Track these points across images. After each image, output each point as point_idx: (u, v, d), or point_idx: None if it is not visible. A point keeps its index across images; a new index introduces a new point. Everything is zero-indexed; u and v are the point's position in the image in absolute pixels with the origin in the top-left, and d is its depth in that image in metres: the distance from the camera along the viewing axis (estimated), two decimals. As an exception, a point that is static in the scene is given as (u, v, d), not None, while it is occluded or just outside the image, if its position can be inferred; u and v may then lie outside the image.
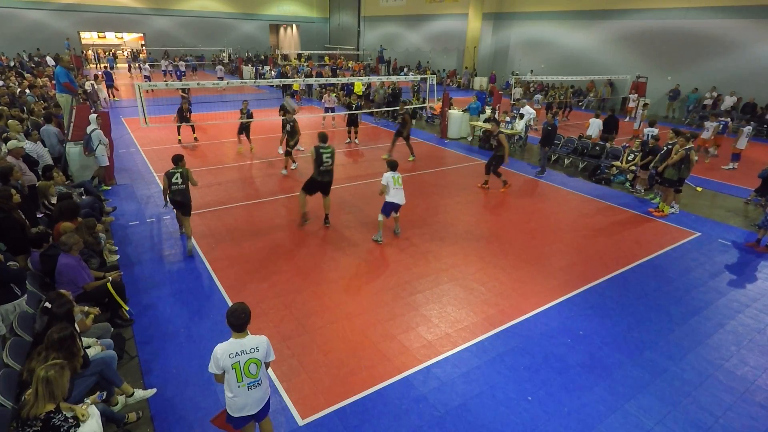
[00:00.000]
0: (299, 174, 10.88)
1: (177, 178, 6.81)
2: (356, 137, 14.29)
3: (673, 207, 9.21)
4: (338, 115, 16.19)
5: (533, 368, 4.71)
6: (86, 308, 4.57)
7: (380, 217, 7.36)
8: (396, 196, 7.20)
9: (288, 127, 10.55)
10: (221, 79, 24.86)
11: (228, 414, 3.25)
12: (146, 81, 23.79)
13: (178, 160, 6.94)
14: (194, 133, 13.98)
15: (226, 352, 3.09)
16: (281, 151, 11.86)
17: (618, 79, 21.96)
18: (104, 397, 3.74)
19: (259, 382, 3.19)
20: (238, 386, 3.13)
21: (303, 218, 7.92)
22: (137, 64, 30.24)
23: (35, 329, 4.19)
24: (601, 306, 5.89)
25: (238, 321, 3.11)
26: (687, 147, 8.56)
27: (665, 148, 9.09)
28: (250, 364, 3.11)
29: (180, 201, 6.84)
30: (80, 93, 14.52)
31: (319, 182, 7.53)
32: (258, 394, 3.22)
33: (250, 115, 12.42)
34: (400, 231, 7.77)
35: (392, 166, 7.31)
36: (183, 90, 16.54)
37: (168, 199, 6.91)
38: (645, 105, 16.96)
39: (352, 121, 14.05)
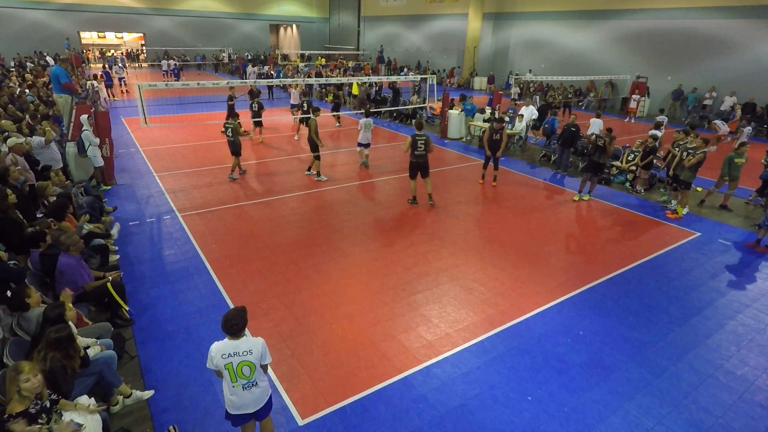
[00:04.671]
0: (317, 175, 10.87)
1: (228, 131, 9.72)
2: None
3: (685, 208, 9.21)
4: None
5: (533, 368, 4.70)
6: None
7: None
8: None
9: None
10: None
11: (227, 411, 3.25)
12: (120, 82, 24.35)
13: (230, 115, 9.93)
14: (260, 132, 13.97)
15: (219, 351, 3.08)
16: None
17: (618, 79, 21.96)
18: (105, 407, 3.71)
19: (254, 382, 3.17)
20: (233, 386, 3.14)
21: (413, 200, 9.10)
22: (105, 64, 28.09)
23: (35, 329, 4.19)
24: (601, 306, 5.89)
25: (231, 330, 3.08)
26: (704, 149, 8.59)
27: (686, 151, 8.99)
28: (242, 366, 3.08)
29: (231, 148, 9.99)
30: (80, 93, 14.50)
31: (415, 163, 8.73)
32: (254, 395, 3.20)
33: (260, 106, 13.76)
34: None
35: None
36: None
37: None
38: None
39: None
